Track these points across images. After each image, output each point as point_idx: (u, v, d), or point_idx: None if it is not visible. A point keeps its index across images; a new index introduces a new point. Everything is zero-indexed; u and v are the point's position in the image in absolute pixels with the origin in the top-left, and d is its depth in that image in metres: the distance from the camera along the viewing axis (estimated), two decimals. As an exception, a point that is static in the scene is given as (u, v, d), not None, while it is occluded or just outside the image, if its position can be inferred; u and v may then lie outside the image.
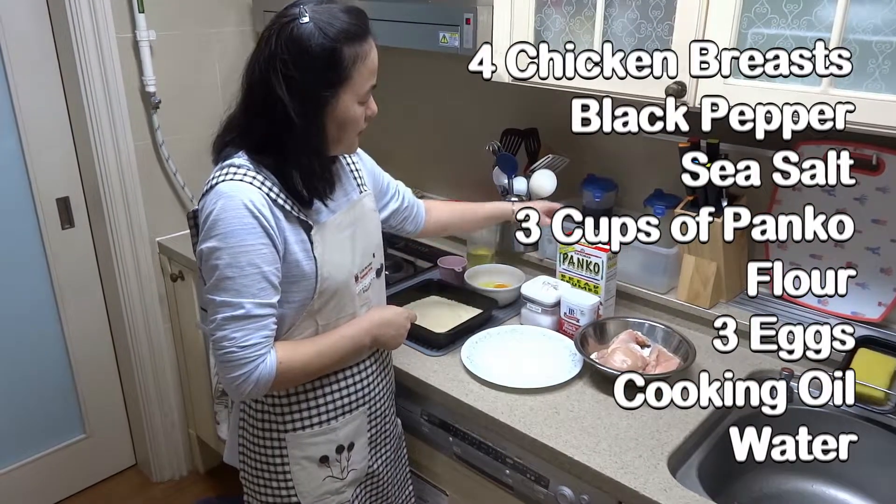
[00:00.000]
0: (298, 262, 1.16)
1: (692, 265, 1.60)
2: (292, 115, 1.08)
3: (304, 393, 1.25)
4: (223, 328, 1.09)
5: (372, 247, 1.31)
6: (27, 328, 2.20)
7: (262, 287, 1.10)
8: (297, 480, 1.28)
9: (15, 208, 2.10)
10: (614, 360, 1.42)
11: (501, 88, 1.69)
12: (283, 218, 1.14)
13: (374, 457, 1.37)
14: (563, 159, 1.83)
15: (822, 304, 1.55)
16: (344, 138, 1.18)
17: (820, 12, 1.16)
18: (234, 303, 1.09)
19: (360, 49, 1.11)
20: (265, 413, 1.26)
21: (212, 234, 1.09)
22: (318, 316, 1.21)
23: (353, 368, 1.30)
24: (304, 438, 1.26)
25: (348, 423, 1.30)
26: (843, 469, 1.35)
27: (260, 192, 1.11)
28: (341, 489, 1.31)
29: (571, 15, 1.47)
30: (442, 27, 1.62)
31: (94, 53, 1.98)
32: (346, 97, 1.12)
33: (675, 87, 1.30)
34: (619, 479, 1.17)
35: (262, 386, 1.12)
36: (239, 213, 1.08)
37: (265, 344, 1.12)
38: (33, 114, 2.05)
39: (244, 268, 1.09)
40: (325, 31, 1.07)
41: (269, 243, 1.11)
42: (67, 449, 2.40)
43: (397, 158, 2.44)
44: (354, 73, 1.11)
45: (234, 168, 1.13)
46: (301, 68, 1.08)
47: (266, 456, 1.28)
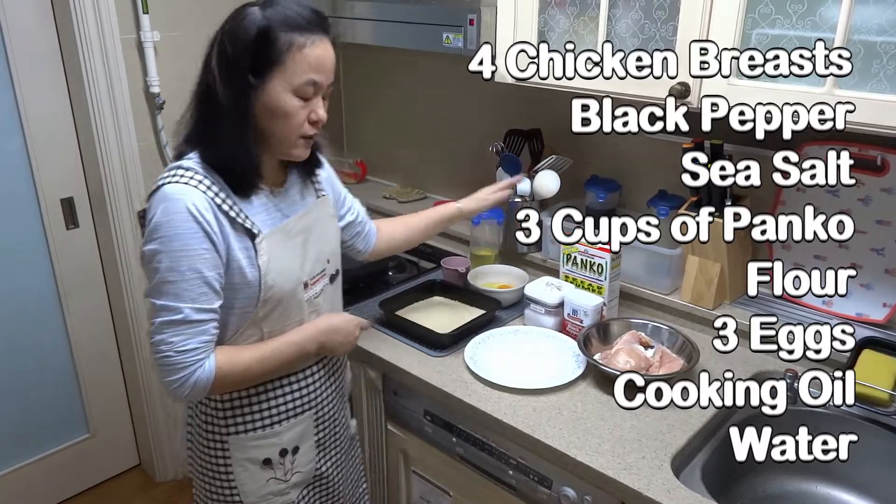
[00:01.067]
0: (241, 270, 1.14)
1: (696, 266, 1.59)
2: (218, 88, 1.08)
3: (248, 397, 1.24)
4: (161, 332, 1.09)
5: (326, 252, 1.30)
6: (31, 328, 2.21)
7: (203, 292, 1.10)
8: (240, 481, 1.27)
9: (19, 208, 2.10)
10: (618, 361, 1.42)
11: (505, 89, 1.69)
12: (227, 224, 1.12)
13: (323, 459, 1.37)
14: (567, 160, 1.83)
15: (827, 305, 1.55)
16: (277, 133, 1.14)
17: (824, 13, 1.16)
18: (173, 307, 1.09)
19: (298, 37, 1.09)
20: (208, 416, 1.26)
21: (154, 237, 1.08)
22: (262, 323, 1.20)
23: (299, 374, 1.29)
24: (246, 442, 1.26)
25: (293, 427, 1.29)
26: (846, 470, 1.34)
27: (205, 196, 1.10)
28: (285, 490, 1.31)
29: (575, 16, 1.47)
30: (445, 28, 1.62)
31: (99, 54, 1.98)
32: (276, 83, 1.10)
33: (678, 88, 1.30)
34: (622, 480, 1.17)
35: (200, 390, 1.12)
36: (182, 217, 1.07)
37: (204, 349, 1.11)
38: (38, 114, 2.06)
39: (185, 272, 1.08)
40: (267, 15, 1.08)
41: (211, 248, 1.10)
42: (71, 449, 2.40)
43: (401, 159, 2.44)
44: (288, 59, 1.09)
45: (181, 170, 1.12)
46: (234, 43, 1.08)
47: (210, 456, 1.28)
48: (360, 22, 1.84)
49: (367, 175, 2.53)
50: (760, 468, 1.36)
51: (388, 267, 1.97)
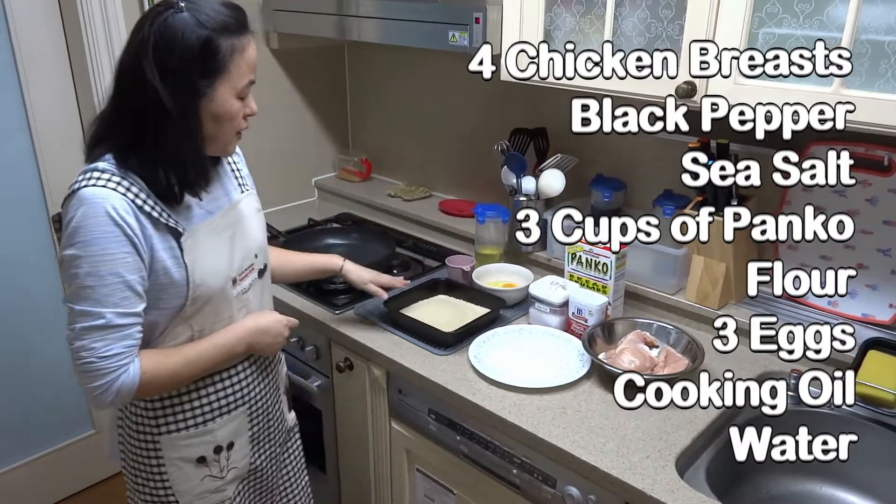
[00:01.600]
0: (167, 270, 1.13)
1: (701, 266, 1.59)
2: (165, 102, 1.06)
3: (179, 396, 1.24)
4: (82, 338, 1.07)
5: (254, 247, 1.29)
6: (38, 326, 2.22)
7: (125, 296, 1.08)
8: (174, 481, 1.26)
9: (27, 207, 2.11)
10: (622, 361, 1.42)
11: (510, 88, 1.69)
12: (149, 225, 1.11)
13: (257, 453, 1.36)
14: (572, 159, 1.83)
15: (833, 305, 1.54)
16: (220, 135, 1.15)
17: (832, 12, 1.16)
18: (93, 312, 1.07)
19: (237, 42, 1.10)
20: (138, 416, 1.24)
21: (72, 242, 1.06)
22: (192, 321, 1.19)
23: (230, 371, 1.28)
24: (179, 441, 1.25)
25: (227, 424, 1.29)
26: (851, 471, 1.34)
27: (124, 198, 1.08)
28: (221, 487, 1.30)
29: (581, 14, 1.47)
30: (451, 26, 1.62)
31: (105, 53, 1.99)
32: (222, 90, 1.11)
33: (685, 88, 1.30)
34: (626, 480, 1.17)
35: (125, 396, 1.10)
36: (100, 221, 1.05)
37: (127, 354, 1.10)
38: (45, 115, 2.07)
39: (105, 277, 1.06)
40: (201, 21, 1.07)
41: (132, 251, 1.08)
42: (77, 444, 2.41)
43: (407, 157, 2.44)
44: (231, 65, 1.10)
45: (97, 172, 1.09)
46: (175, 55, 1.05)
47: (142, 457, 1.26)
48: (365, 20, 1.84)
49: (372, 173, 2.53)
50: (765, 469, 1.36)
51: (393, 265, 1.97)
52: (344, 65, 2.52)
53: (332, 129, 2.57)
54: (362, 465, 1.78)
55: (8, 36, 1.95)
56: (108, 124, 1.13)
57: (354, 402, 1.73)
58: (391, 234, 2.18)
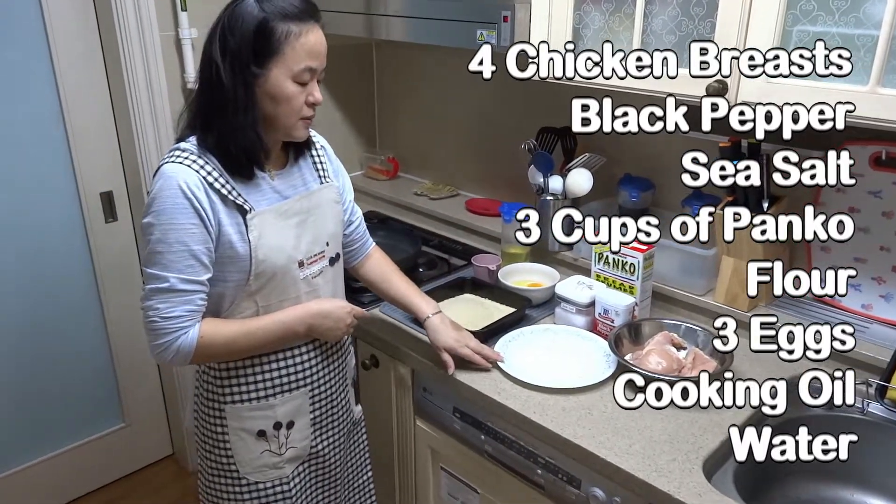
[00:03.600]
0: (232, 244, 1.21)
1: (730, 267, 1.57)
2: (224, 78, 1.15)
3: (243, 368, 1.31)
4: (150, 298, 1.18)
5: (325, 236, 1.34)
6: (71, 319, 2.26)
7: (189, 264, 1.17)
8: (236, 450, 1.34)
9: (61, 201, 2.16)
10: (649, 362, 1.40)
11: (537, 86, 1.68)
12: (218, 201, 1.19)
13: (319, 437, 1.41)
14: (600, 158, 1.82)
15: (867, 309, 1.51)
16: (280, 116, 1.21)
17: (869, 9, 1.13)
18: (160, 276, 1.16)
19: (294, 28, 1.16)
20: (209, 384, 1.33)
21: (149, 211, 1.17)
22: (257, 297, 1.26)
23: (293, 350, 1.34)
24: (243, 412, 1.32)
25: (287, 402, 1.35)
26: (884, 479, 1.31)
27: (198, 175, 1.17)
28: (279, 464, 1.37)
29: (611, 12, 1.46)
30: (479, 25, 1.62)
31: (139, 51, 2.02)
32: (277, 72, 1.17)
33: (716, 86, 1.28)
34: (652, 483, 1.16)
35: (183, 356, 1.20)
36: (172, 193, 1.15)
37: (189, 318, 1.19)
38: (79, 111, 2.11)
39: (172, 244, 1.16)
40: (262, 6, 1.15)
41: (199, 223, 1.17)
42: (107, 437, 2.46)
43: (433, 156, 2.45)
44: (286, 48, 1.16)
45: (179, 151, 1.20)
46: (235, 35, 1.15)
47: (210, 424, 1.34)
48: (393, 19, 1.85)
49: (399, 172, 2.54)
50: (795, 472, 1.33)
51: (419, 264, 1.98)
52: (372, 63, 2.53)
53: (360, 128, 2.58)
54: (387, 463, 1.79)
55: (45, 36, 2.00)
56: (191, 104, 1.24)
57: (380, 400, 1.73)
58: (417, 232, 2.18)
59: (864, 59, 1.15)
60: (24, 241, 2.11)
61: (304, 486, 1.42)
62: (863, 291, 1.51)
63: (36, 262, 2.15)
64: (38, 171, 2.09)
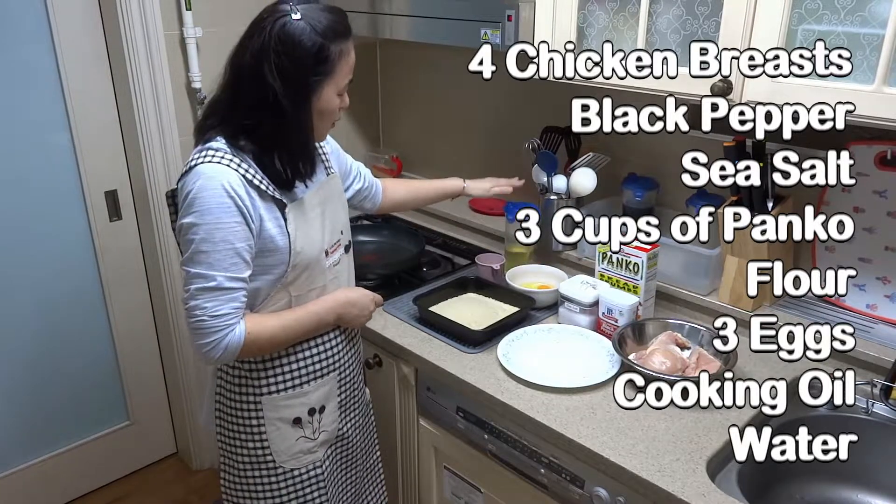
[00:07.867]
0: (273, 238, 1.23)
1: (735, 267, 1.56)
2: (283, 102, 1.17)
3: (279, 359, 1.34)
4: (196, 298, 1.18)
5: (340, 224, 1.40)
6: (76, 318, 2.27)
7: (234, 262, 1.19)
8: (272, 440, 1.36)
9: (66, 200, 2.16)
10: (653, 362, 1.40)
11: (541, 86, 1.68)
12: (257, 197, 1.21)
13: (344, 419, 1.46)
14: (604, 157, 1.81)
15: (872, 309, 1.50)
16: (321, 127, 1.28)
17: (874, 8, 1.13)
18: (207, 275, 1.17)
19: (343, 46, 1.21)
20: (242, 378, 1.34)
21: (190, 211, 1.17)
22: (291, 287, 1.30)
23: (322, 338, 1.39)
24: (279, 401, 1.35)
25: (320, 388, 1.39)
26: (889, 479, 1.31)
27: (237, 173, 1.19)
28: (313, 449, 1.40)
29: (615, 12, 1.45)
30: (483, 24, 1.61)
31: (143, 51, 2.03)
32: (328, 89, 1.22)
33: (720, 86, 1.28)
34: (655, 482, 1.16)
35: (231, 353, 1.21)
36: (216, 193, 1.16)
37: (234, 315, 1.20)
38: (84, 110, 2.11)
39: (217, 243, 1.17)
40: (315, 28, 1.17)
41: (242, 222, 1.18)
42: (111, 435, 2.46)
43: (437, 155, 2.45)
44: (338, 67, 1.21)
45: (212, 151, 1.20)
46: (293, 60, 1.16)
47: (243, 417, 1.36)
48: (397, 18, 1.85)
49: (403, 170, 2.54)
50: (800, 473, 1.33)
51: (423, 263, 1.98)
52: (375, 62, 2.53)
53: (364, 127, 2.58)
54: (390, 462, 1.79)
55: (50, 35, 2.00)
56: (222, 113, 1.25)
57: (383, 399, 1.74)
58: (421, 231, 2.18)
59: (870, 58, 1.14)
60: (29, 238, 2.12)
61: (332, 468, 1.47)
62: (868, 291, 1.51)
63: (41, 260, 2.16)
64: (43, 170, 2.10)
